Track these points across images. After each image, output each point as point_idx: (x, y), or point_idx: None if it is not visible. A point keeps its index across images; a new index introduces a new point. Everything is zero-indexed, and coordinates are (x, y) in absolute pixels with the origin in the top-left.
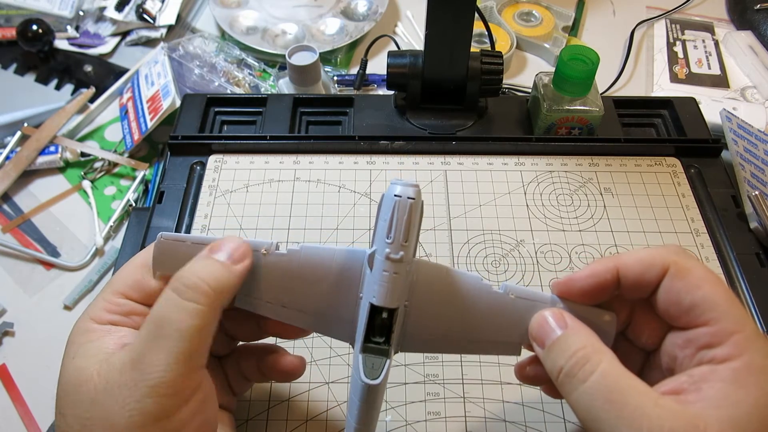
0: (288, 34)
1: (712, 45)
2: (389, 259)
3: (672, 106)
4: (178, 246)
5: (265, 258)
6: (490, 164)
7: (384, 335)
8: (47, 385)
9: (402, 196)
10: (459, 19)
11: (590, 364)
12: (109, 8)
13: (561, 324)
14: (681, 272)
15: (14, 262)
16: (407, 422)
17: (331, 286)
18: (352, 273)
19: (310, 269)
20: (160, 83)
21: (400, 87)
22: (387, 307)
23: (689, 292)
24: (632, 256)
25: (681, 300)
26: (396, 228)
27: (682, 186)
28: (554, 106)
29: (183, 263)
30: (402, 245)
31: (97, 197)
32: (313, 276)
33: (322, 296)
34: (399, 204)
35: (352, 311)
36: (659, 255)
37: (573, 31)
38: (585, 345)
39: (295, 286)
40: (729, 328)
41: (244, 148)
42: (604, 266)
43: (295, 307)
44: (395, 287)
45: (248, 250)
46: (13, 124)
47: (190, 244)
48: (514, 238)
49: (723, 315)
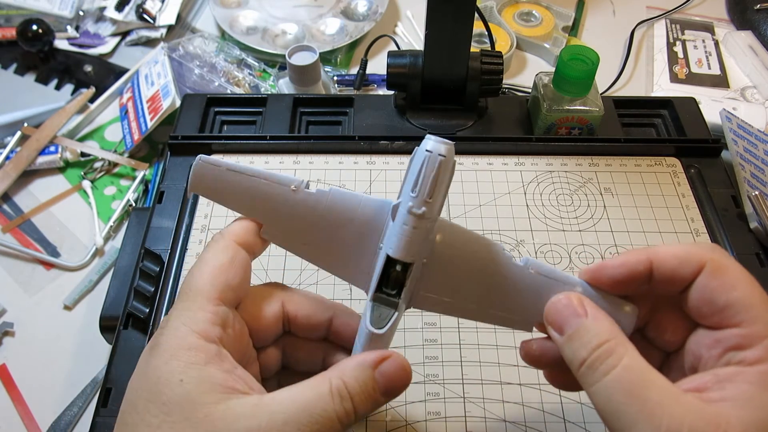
0: (288, 34)
1: (712, 45)
2: (411, 213)
3: (672, 106)
4: (213, 170)
5: (294, 195)
6: (490, 164)
7: (396, 288)
8: (47, 385)
9: (433, 152)
10: (459, 19)
11: (613, 357)
12: (109, 8)
13: (581, 311)
14: (718, 270)
15: (14, 262)
16: (407, 422)
17: (354, 232)
18: (377, 223)
19: (337, 213)
20: (160, 83)
21: (400, 87)
22: (402, 260)
23: (725, 291)
24: (668, 250)
25: (715, 299)
26: (422, 183)
27: (682, 186)
28: (554, 106)
29: (218, 188)
30: (426, 201)
31: (97, 197)
32: (339, 220)
33: (344, 241)
34: (429, 159)
35: (371, 260)
36: (696, 251)
37: (573, 31)
38: (608, 337)
39: (320, 226)
40: (761, 332)
41: (244, 148)
42: (637, 257)
43: (317, 247)
44: (413, 241)
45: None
46: (13, 124)
47: (225, 170)
48: (514, 238)
49: (757, 318)
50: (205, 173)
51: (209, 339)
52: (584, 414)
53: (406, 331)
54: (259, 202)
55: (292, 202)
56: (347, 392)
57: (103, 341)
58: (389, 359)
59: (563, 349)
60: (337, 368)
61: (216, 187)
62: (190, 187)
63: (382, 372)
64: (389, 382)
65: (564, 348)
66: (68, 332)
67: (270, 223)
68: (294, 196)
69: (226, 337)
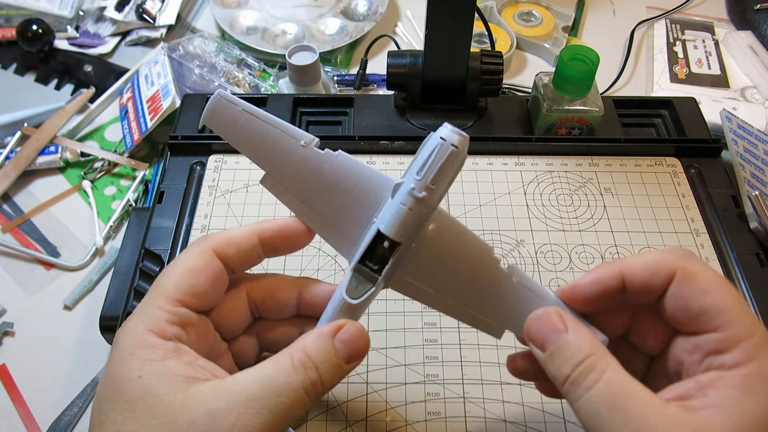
0: (288, 34)
1: (712, 45)
2: (411, 194)
3: (672, 106)
4: (229, 108)
5: (302, 150)
6: (490, 164)
7: (379, 264)
8: (47, 385)
9: (446, 140)
10: (459, 19)
11: (595, 372)
12: (109, 8)
13: (561, 326)
14: (688, 278)
15: (14, 262)
16: (407, 422)
17: (352, 200)
18: (376, 197)
19: (340, 177)
20: (160, 83)
21: (400, 87)
22: (391, 238)
23: (697, 298)
24: (638, 261)
25: (689, 306)
26: (429, 168)
27: (682, 186)
28: (554, 106)
29: (229, 125)
30: (428, 186)
31: (97, 197)
32: (340, 185)
33: (341, 206)
34: (441, 146)
35: (362, 231)
36: (666, 260)
37: (573, 31)
38: (590, 352)
39: (320, 187)
40: (738, 334)
41: None
42: (609, 272)
43: (312, 206)
44: (406, 222)
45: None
46: (13, 124)
47: (240, 110)
48: (514, 238)
49: (732, 321)
50: (221, 109)
51: (166, 337)
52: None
53: (406, 331)
54: (266, 148)
55: (299, 157)
56: (311, 362)
57: (103, 341)
58: (346, 326)
59: (546, 366)
60: (297, 343)
61: (227, 125)
62: (203, 119)
63: (341, 339)
64: (349, 348)
65: (547, 365)
66: (68, 332)
67: (273, 172)
68: (302, 151)
69: (187, 336)
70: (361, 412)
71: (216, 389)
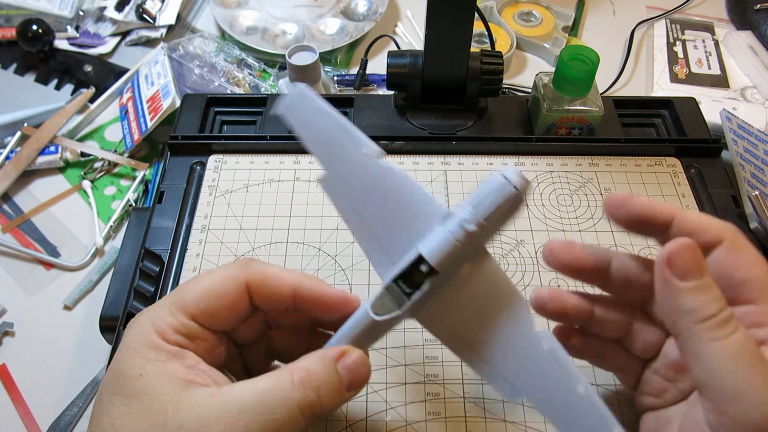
0: (288, 34)
1: (712, 45)
2: (461, 225)
3: (672, 106)
4: (307, 102)
5: (364, 158)
6: (490, 164)
7: (412, 288)
8: (47, 385)
9: (509, 181)
10: (459, 19)
11: (734, 322)
12: (109, 8)
13: (705, 265)
14: (736, 247)
15: (14, 262)
16: (407, 422)
17: (400, 219)
18: (424, 221)
19: (394, 193)
20: (160, 83)
21: (400, 87)
22: (430, 264)
23: (742, 268)
24: (692, 214)
25: (733, 274)
26: (486, 204)
27: (682, 186)
28: (554, 106)
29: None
30: (480, 222)
31: (97, 197)
32: (392, 201)
33: (388, 222)
34: (502, 186)
35: (402, 253)
36: (716, 224)
37: (573, 31)
38: (726, 304)
39: (373, 198)
40: None
41: (244, 148)
42: (662, 207)
43: (361, 215)
44: (449, 253)
45: (367, 372)
46: (13, 124)
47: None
48: (514, 238)
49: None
50: (299, 103)
51: (169, 342)
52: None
53: (406, 331)
54: (333, 149)
55: (361, 165)
56: (312, 383)
57: (103, 341)
58: (349, 352)
59: (681, 296)
60: (300, 361)
61: (303, 119)
62: (279, 108)
63: (345, 365)
64: (351, 375)
65: (684, 295)
66: (68, 332)
67: (333, 174)
68: (364, 160)
69: (193, 346)
70: (361, 412)
71: (210, 396)
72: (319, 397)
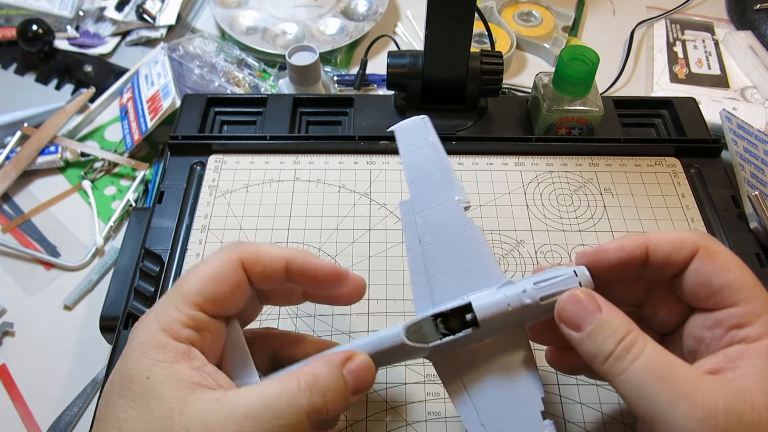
0: (288, 34)
1: (712, 45)
2: (519, 295)
3: (672, 106)
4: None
5: (451, 204)
6: (490, 164)
7: (447, 331)
8: (47, 385)
9: (577, 276)
10: (459, 19)
11: (638, 346)
12: (109, 8)
13: (595, 307)
14: (711, 255)
15: (14, 262)
16: (407, 422)
17: (460, 270)
18: (480, 279)
19: (463, 245)
20: (160, 83)
21: (400, 87)
22: (475, 315)
23: (719, 274)
24: (663, 235)
25: (711, 281)
26: (548, 286)
27: (682, 186)
28: (554, 106)
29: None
30: (538, 300)
31: (97, 197)
32: (458, 251)
33: (447, 267)
34: (570, 279)
35: (447, 298)
36: (689, 237)
37: (573, 31)
38: (629, 328)
39: (443, 240)
40: (758, 309)
41: (244, 148)
42: (634, 242)
43: (425, 249)
44: (498, 314)
45: (372, 377)
46: (13, 124)
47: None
48: (514, 238)
49: (752, 296)
50: (415, 129)
51: (179, 339)
52: (584, 414)
53: None
54: (426, 181)
55: (446, 206)
56: (319, 387)
57: (103, 341)
58: (355, 357)
59: (583, 345)
60: (306, 366)
61: (411, 143)
62: (397, 127)
63: (350, 369)
64: (357, 379)
65: (585, 344)
66: (68, 332)
67: (416, 203)
68: (451, 204)
69: (201, 339)
70: (361, 412)
71: (217, 401)
72: (326, 402)
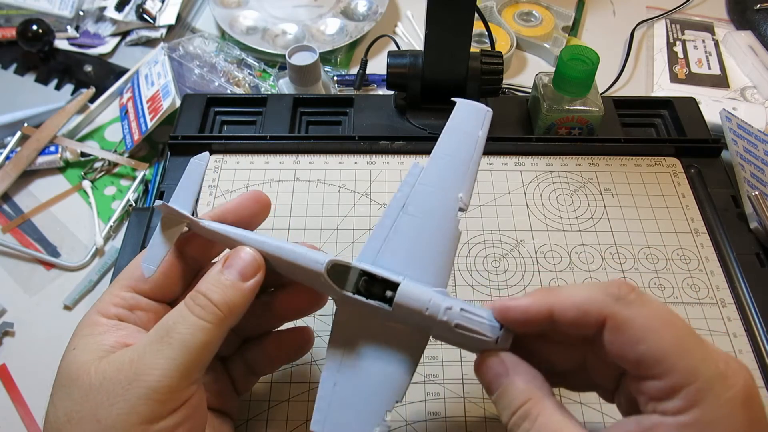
0: (288, 34)
1: (712, 45)
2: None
3: (672, 106)
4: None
5: (452, 199)
6: (490, 164)
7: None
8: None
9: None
10: (459, 19)
11: (528, 421)
12: (109, 8)
13: (503, 370)
14: (619, 327)
15: (14, 262)
16: (407, 422)
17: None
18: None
19: (439, 241)
20: (160, 83)
21: (400, 87)
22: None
23: (632, 347)
24: (568, 298)
25: (625, 355)
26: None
27: (682, 186)
28: (554, 106)
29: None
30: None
31: (97, 197)
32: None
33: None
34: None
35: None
36: (596, 301)
37: (573, 31)
38: (526, 398)
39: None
40: (679, 382)
41: (244, 148)
42: (538, 305)
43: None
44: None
45: (260, 264)
46: (13, 124)
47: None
48: (514, 238)
49: (672, 368)
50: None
51: (108, 316)
52: (584, 414)
53: None
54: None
55: (446, 195)
56: (199, 293)
57: None
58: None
59: (496, 406)
60: None
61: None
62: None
63: (227, 265)
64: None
65: (496, 405)
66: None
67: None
68: (451, 197)
69: (132, 316)
70: None
71: (128, 348)
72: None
